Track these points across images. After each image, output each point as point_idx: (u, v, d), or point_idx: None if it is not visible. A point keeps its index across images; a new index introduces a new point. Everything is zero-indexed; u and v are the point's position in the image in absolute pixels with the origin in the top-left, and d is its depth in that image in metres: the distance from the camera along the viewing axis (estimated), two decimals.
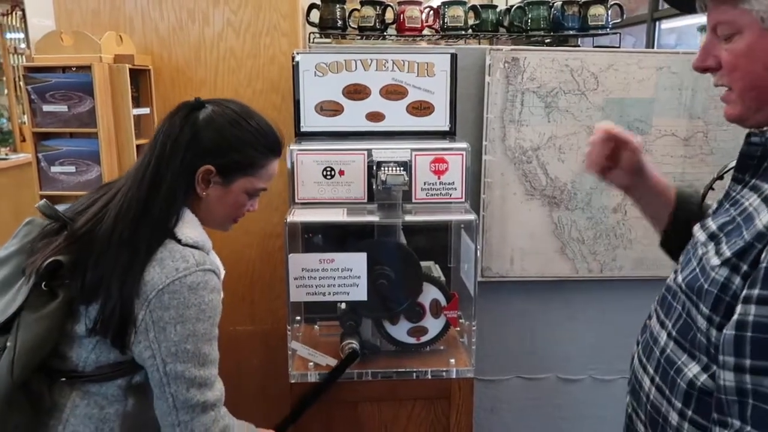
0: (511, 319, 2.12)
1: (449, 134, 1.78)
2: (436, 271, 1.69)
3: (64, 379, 1.03)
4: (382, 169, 1.55)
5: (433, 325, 1.63)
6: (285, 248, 1.48)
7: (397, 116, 1.76)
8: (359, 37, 2.14)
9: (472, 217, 1.53)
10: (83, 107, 1.49)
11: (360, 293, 1.50)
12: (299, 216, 1.52)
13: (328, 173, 1.59)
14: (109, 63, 1.53)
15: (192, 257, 1.03)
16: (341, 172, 1.60)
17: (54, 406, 1.02)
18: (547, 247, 2.02)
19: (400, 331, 1.63)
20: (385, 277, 1.53)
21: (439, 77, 1.75)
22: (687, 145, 1.98)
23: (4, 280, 1.06)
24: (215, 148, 1.09)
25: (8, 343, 0.97)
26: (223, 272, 1.17)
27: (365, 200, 1.61)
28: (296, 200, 1.60)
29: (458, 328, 1.74)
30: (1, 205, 4.39)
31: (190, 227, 1.08)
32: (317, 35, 2.09)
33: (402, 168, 1.56)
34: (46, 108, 1.49)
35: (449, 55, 1.74)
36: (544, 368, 2.18)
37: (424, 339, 1.64)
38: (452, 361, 1.62)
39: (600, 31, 2.13)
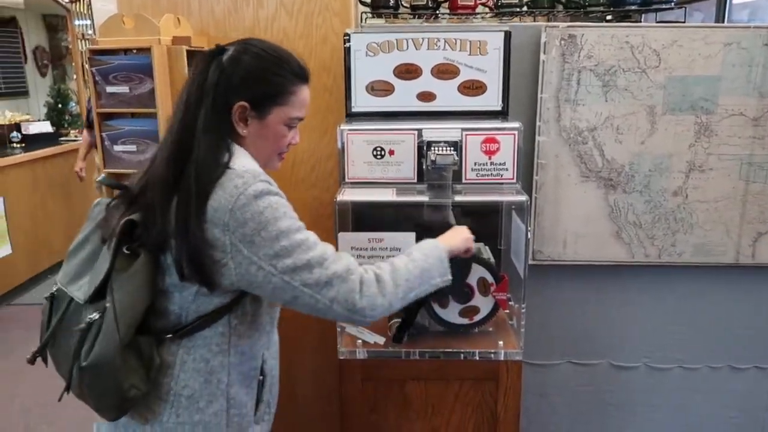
0: (562, 303, 2.08)
1: (501, 114, 1.75)
2: (486, 253, 1.67)
3: (170, 335, 1.07)
4: (432, 149, 1.55)
5: (483, 304, 1.62)
6: (335, 227, 1.50)
7: (448, 96, 1.74)
8: (411, 17, 2.12)
9: (523, 198, 1.51)
10: (143, 88, 1.55)
11: None
12: (349, 195, 1.54)
13: (378, 153, 1.60)
14: (167, 45, 1.58)
15: (247, 173, 1.06)
16: (391, 152, 1.60)
17: (164, 364, 1.07)
18: (602, 231, 1.97)
19: (451, 313, 1.63)
20: None
21: (492, 56, 1.72)
22: (756, 125, 1.88)
23: (90, 257, 1.12)
24: (243, 83, 1.10)
25: (107, 305, 1.02)
26: None
27: (415, 180, 1.61)
28: (346, 180, 1.62)
29: (507, 311, 1.72)
30: (75, 184, 4.64)
31: (242, 159, 1.11)
32: (369, 15, 2.08)
33: (452, 148, 1.55)
34: (109, 89, 1.55)
35: (503, 33, 1.71)
36: (597, 354, 2.14)
37: (477, 318, 1.63)
38: (501, 343, 1.60)
39: (664, 6, 2.04)
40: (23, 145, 4.94)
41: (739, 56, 1.84)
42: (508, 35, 1.71)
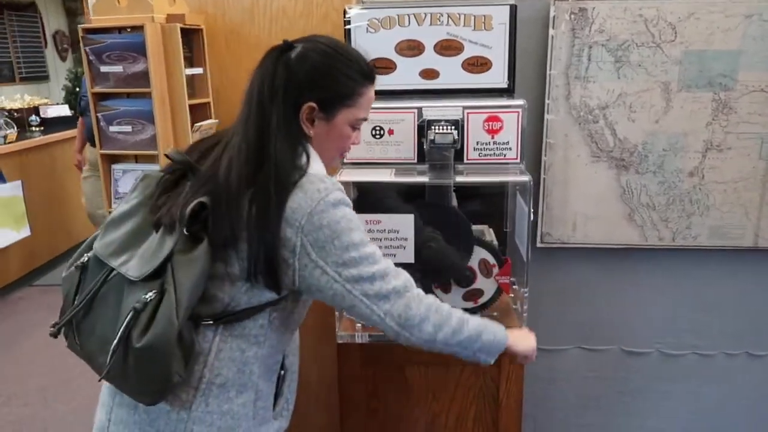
0: (571, 287, 2.03)
1: (507, 92, 1.68)
2: (489, 235, 1.63)
3: (210, 322, 1.05)
4: (432, 128, 1.50)
5: (487, 287, 1.58)
6: None
7: (452, 73, 1.69)
8: None
9: (526, 178, 1.45)
10: (137, 67, 1.52)
11: (407, 255, 1.47)
12: (346, 176, 1.50)
13: (377, 132, 1.55)
14: (161, 23, 1.54)
15: (328, 179, 1.07)
16: (390, 132, 1.55)
17: (200, 350, 1.04)
18: (614, 213, 1.90)
19: (454, 298, 1.59)
20: (433, 240, 1.49)
21: (497, 31, 1.65)
22: None
23: (136, 231, 1.08)
24: (312, 83, 1.08)
25: (166, 287, 0.98)
26: None
27: (415, 161, 1.56)
28: (345, 160, 1.58)
29: (512, 295, 1.68)
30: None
31: (316, 162, 1.10)
32: None
33: (453, 127, 1.50)
34: (103, 69, 1.53)
35: (508, 7, 1.64)
36: (607, 339, 2.08)
37: (481, 301, 1.59)
38: None
39: None
40: (42, 128, 4.99)
41: (760, 29, 1.74)
42: (514, 9, 1.64)
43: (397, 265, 1.51)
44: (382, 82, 1.69)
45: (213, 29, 1.78)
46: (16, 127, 4.44)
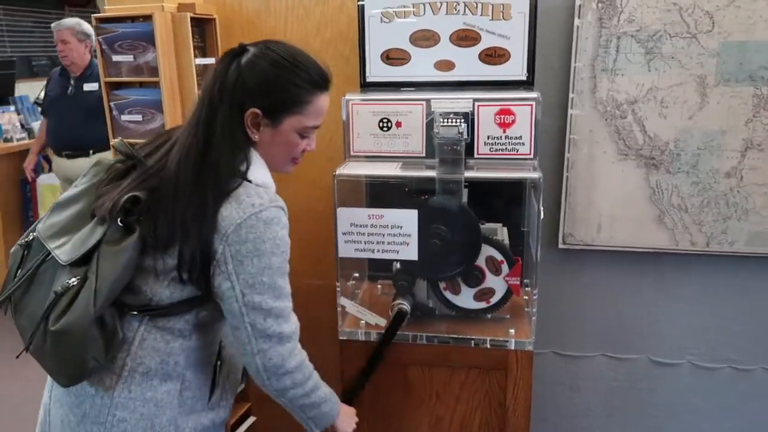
0: (596, 291, 1.93)
1: (526, 84, 1.61)
2: (502, 234, 1.56)
3: (135, 312, 1.07)
4: (439, 120, 1.44)
5: (498, 285, 1.51)
6: (334, 202, 1.43)
7: (468, 65, 1.62)
8: None
9: (536, 175, 1.38)
10: (148, 56, 1.53)
11: (410, 252, 1.42)
12: (350, 169, 1.46)
13: (385, 125, 1.51)
14: (171, 12, 1.54)
15: (266, 194, 1.07)
16: (398, 124, 1.51)
17: (123, 338, 1.07)
18: (642, 215, 1.79)
19: (465, 298, 1.53)
20: (438, 237, 1.43)
21: (516, 20, 1.58)
22: None
23: (77, 216, 1.10)
24: (258, 89, 1.08)
25: (89, 274, 1.01)
26: None
27: (423, 154, 1.51)
28: (351, 153, 1.54)
29: (526, 297, 1.60)
30: None
31: (258, 169, 1.11)
32: None
33: (462, 120, 1.44)
34: (114, 58, 1.54)
35: None
36: (634, 348, 1.97)
37: (493, 300, 1.52)
38: (512, 331, 1.49)
39: None
40: None
41: None
42: None
43: (403, 262, 1.50)
44: (396, 73, 1.66)
45: (230, 19, 1.78)
46: None
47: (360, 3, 1.62)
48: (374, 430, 1.56)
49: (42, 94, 5.42)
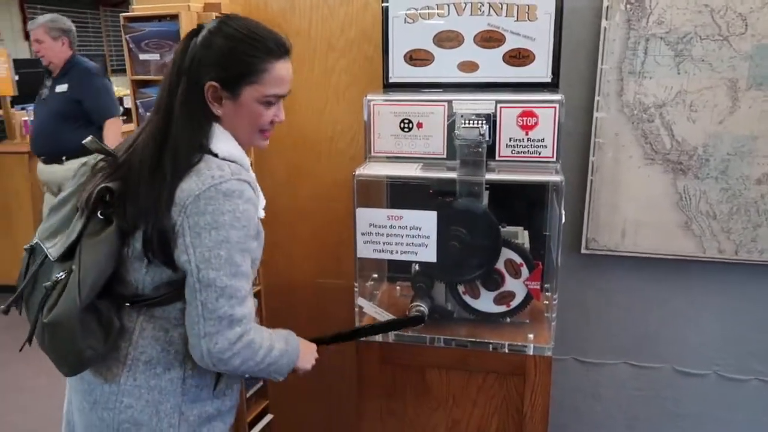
0: (620, 298, 1.89)
1: (551, 86, 1.59)
2: (522, 237, 1.54)
3: (128, 304, 1.11)
4: (461, 121, 1.43)
5: (518, 288, 1.49)
6: (353, 202, 1.43)
7: (492, 66, 1.61)
8: None
9: (558, 178, 1.35)
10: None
11: (429, 254, 1.41)
12: (369, 169, 1.46)
13: (406, 126, 1.50)
14: (198, 11, 1.56)
15: (228, 167, 1.07)
16: (419, 125, 1.50)
17: (124, 329, 1.11)
18: (668, 221, 1.75)
19: (485, 302, 1.51)
20: (457, 239, 1.42)
21: (542, 21, 1.56)
22: None
23: (67, 216, 1.15)
24: (212, 63, 1.09)
25: (73, 267, 1.05)
26: (263, 201, 1.20)
27: (444, 156, 1.50)
28: (372, 153, 1.54)
29: (546, 302, 1.58)
30: None
31: (223, 142, 1.11)
32: None
33: (483, 121, 1.42)
34: (141, 56, 1.57)
35: None
36: (659, 357, 1.92)
37: (514, 304, 1.50)
38: (531, 336, 1.47)
39: None
40: (124, 117, 5.25)
41: None
42: None
43: (422, 264, 1.49)
44: (419, 74, 1.65)
45: (255, 18, 1.79)
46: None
47: (384, 4, 1.62)
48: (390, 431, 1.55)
49: None
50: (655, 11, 1.63)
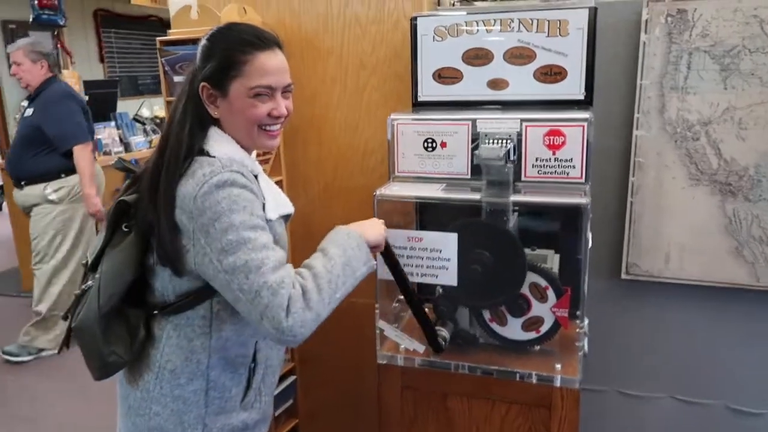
0: (664, 327, 1.77)
1: (584, 104, 1.52)
2: (551, 261, 1.47)
3: (157, 312, 1.13)
4: (485, 141, 1.39)
5: (546, 313, 1.41)
6: None
7: (522, 83, 1.56)
8: None
9: (583, 201, 1.28)
10: None
11: (449, 277, 1.37)
12: (390, 189, 1.43)
13: (429, 145, 1.47)
14: None
15: (218, 162, 1.07)
16: (443, 144, 1.46)
17: (153, 336, 1.13)
18: (717, 246, 1.63)
19: (513, 329, 1.44)
20: (479, 263, 1.37)
21: (574, 36, 1.50)
22: None
23: None
24: (200, 65, 1.12)
25: (97, 275, 1.10)
26: (290, 208, 1.21)
27: (468, 176, 1.46)
28: (396, 173, 1.51)
29: (578, 330, 1.50)
30: None
31: (219, 143, 1.12)
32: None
33: (508, 140, 1.38)
34: (176, 78, 1.61)
35: (587, 10, 1.48)
36: (709, 393, 1.79)
37: (543, 330, 1.43)
38: (558, 366, 1.39)
39: None
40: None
41: None
42: (593, 12, 1.47)
43: (445, 287, 1.44)
44: (449, 92, 1.62)
45: (289, 39, 1.81)
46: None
47: (414, 22, 1.60)
48: None
49: (142, 111, 5.83)
50: (698, 24, 1.54)
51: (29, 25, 4.46)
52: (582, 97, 1.52)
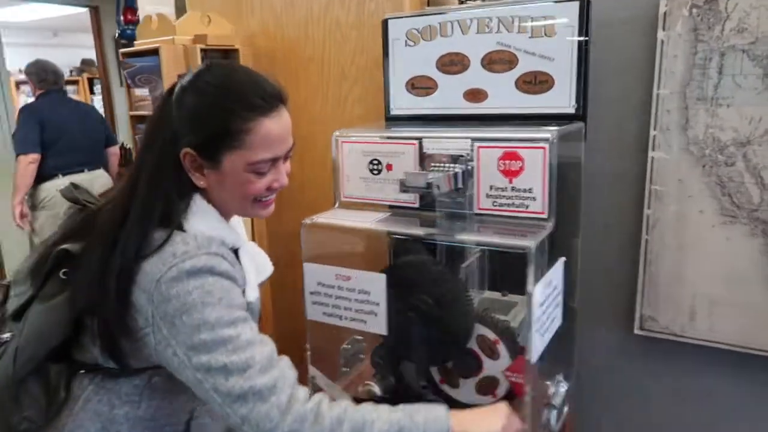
0: (688, 396, 1.42)
1: (575, 118, 1.24)
2: (521, 309, 1.20)
3: (83, 371, 0.98)
4: (431, 165, 1.16)
5: (499, 372, 1.16)
6: (303, 255, 1.23)
7: (502, 94, 1.31)
8: None
9: (527, 243, 1.01)
10: (160, 90, 1.50)
11: (378, 324, 1.15)
12: (322, 217, 1.25)
13: (375, 168, 1.26)
14: (185, 44, 1.49)
15: (193, 241, 0.89)
16: (389, 167, 1.25)
17: (69, 397, 0.97)
18: (759, 301, 1.26)
19: (466, 392, 1.20)
20: (415, 310, 1.14)
21: (561, 36, 1.22)
22: None
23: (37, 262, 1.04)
24: (186, 127, 0.91)
25: (18, 327, 0.95)
26: (269, 271, 1.07)
27: (417, 204, 1.23)
28: (342, 198, 1.32)
29: (546, 401, 1.21)
30: None
31: (199, 218, 0.94)
32: None
33: (455, 164, 1.14)
34: (137, 92, 1.55)
35: (577, 2, 1.20)
36: None
37: (501, 394, 1.18)
38: None
39: None
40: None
41: None
42: (585, 4, 1.19)
43: (382, 337, 1.22)
44: (422, 105, 1.41)
45: (272, 48, 1.69)
46: None
47: (385, 25, 1.41)
48: None
49: None
50: (733, 15, 1.19)
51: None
52: (572, 110, 1.24)
